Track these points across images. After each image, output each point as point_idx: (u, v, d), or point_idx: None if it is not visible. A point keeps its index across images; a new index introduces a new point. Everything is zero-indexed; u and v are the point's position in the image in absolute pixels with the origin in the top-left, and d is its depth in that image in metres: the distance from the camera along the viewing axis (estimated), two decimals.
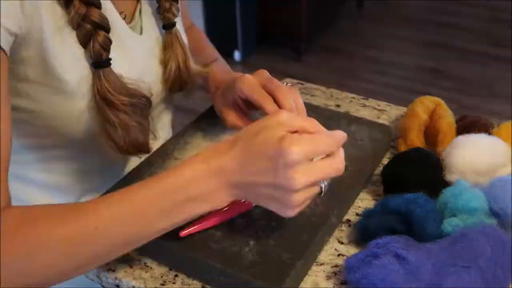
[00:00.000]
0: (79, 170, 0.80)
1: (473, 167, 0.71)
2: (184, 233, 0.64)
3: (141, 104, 0.71)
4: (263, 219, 0.67)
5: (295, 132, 0.57)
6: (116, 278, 0.66)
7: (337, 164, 0.58)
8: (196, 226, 0.64)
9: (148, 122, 0.74)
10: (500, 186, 0.67)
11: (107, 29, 0.67)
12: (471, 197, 0.66)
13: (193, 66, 0.83)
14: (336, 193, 0.71)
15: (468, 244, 0.60)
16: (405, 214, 0.66)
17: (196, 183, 0.58)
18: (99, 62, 0.67)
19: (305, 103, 0.89)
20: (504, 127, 0.78)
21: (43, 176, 0.79)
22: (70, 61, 0.67)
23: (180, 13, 0.83)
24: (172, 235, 0.64)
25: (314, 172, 0.56)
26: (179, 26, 0.83)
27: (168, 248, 0.65)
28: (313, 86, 1.03)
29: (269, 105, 0.70)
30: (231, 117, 0.78)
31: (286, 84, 0.76)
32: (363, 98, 0.99)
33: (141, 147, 0.73)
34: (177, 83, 0.82)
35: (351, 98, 0.99)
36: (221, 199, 0.59)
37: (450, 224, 0.64)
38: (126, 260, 0.68)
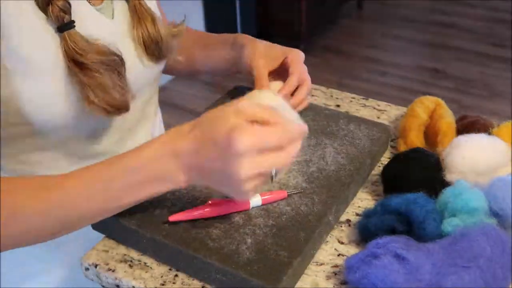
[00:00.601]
0: (63, 162, 0.79)
1: (473, 167, 0.71)
2: (173, 218, 0.66)
3: (113, 62, 0.71)
4: (261, 217, 0.67)
5: (254, 121, 0.57)
6: (116, 278, 0.66)
7: (284, 158, 0.58)
8: (185, 214, 0.66)
9: (125, 81, 0.73)
10: (500, 186, 0.67)
11: None
12: (471, 197, 0.66)
13: (163, 29, 0.82)
14: (334, 191, 0.71)
15: (468, 244, 0.60)
16: (405, 214, 0.66)
17: (155, 163, 0.61)
18: (62, 25, 0.68)
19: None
20: (504, 127, 0.78)
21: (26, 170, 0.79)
22: (31, 38, 0.67)
23: None
24: (172, 234, 0.65)
25: (260, 164, 0.56)
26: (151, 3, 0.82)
27: (166, 246, 0.65)
28: (313, 86, 1.03)
29: (262, 80, 0.83)
30: (263, 69, 0.85)
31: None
32: (363, 98, 0.99)
33: (121, 106, 0.73)
34: (152, 49, 0.81)
35: (351, 98, 0.99)
36: (179, 180, 0.61)
37: (450, 224, 0.64)
38: (126, 260, 0.68)
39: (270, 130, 0.57)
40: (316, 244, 0.67)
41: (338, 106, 0.97)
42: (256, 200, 0.69)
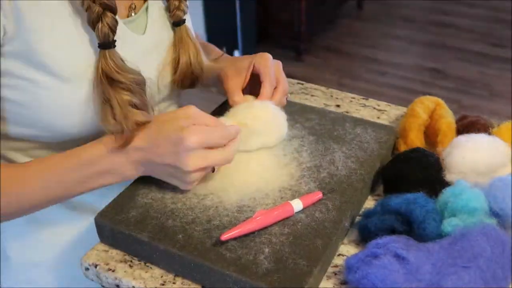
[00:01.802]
0: None
1: (473, 167, 0.71)
2: (225, 237, 0.63)
3: (140, 81, 0.72)
4: (276, 225, 0.66)
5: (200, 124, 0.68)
6: (116, 278, 0.66)
7: (226, 155, 0.69)
8: (236, 231, 0.63)
9: (148, 103, 0.74)
10: (500, 186, 0.67)
11: (114, 10, 0.70)
12: (471, 197, 0.66)
13: (205, 61, 0.83)
14: (347, 197, 0.70)
15: (468, 244, 0.60)
16: (405, 214, 0.66)
17: (107, 158, 0.69)
18: (106, 43, 0.69)
19: (309, 107, 0.90)
20: (504, 127, 0.78)
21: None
22: (64, 54, 0.69)
23: (188, 9, 0.84)
24: (186, 246, 0.63)
25: (206, 159, 0.67)
26: (189, 23, 0.84)
27: (181, 258, 0.63)
28: (313, 86, 1.03)
29: (234, 95, 0.81)
30: (232, 83, 0.83)
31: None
32: (363, 98, 0.99)
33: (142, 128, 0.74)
34: (188, 78, 0.82)
35: (351, 98, 0.99)
36: (130, 173, 0.71)
37: (450, 224, 0.64)
38: (126, 260, 0.68)
39: (214, 130, 0.68)
40: (333, 251, 0.66)
41: (338, 106, 0.97)
42: (297, 205, 0.68)
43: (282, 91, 0.82)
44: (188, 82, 0.83)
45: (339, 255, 0.68)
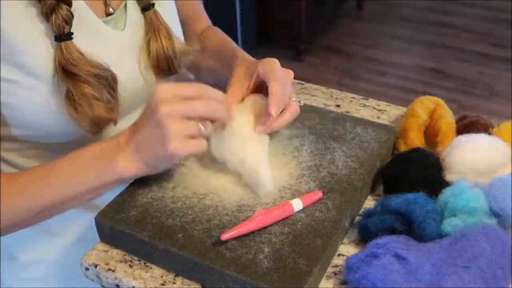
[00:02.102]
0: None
1: (473, 167, 0.71)
2: (225, 237, 0.62)
3: (105, 76, 0.72)
4: (275, 225, 0.66)
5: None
6: (116, 278, 0.66)
7: (202, 105, 0.64)
8: (236, 231, 0.63)
9: (115, 98, 0.74)
10: (500, 186, 0.67)
11: (69, 2, 0.70)
12: (471, 197, 0.66)
13: (178, 45, 0.83)
14: (347, 196, 0.70)
15: (468, 244, 0.60)
16: (405, 214, 0.66)
17: (100, 149, 0.68)
18: (61, 35, 0.69)
19: (308, 106, 0.90)
20: (504, 127, 0.78)
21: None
22: (32, 43, 0.69)
23: None
24: (186, 245, 0.63)
25: (179, 104, 0.63)
26: (165, 10, 0.83)
27: (181, 257, 0.63)
28: (313, 86, 1.03)
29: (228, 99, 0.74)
30: (234, 87, 0.77)
31: (297, 100, 0.76)
32: (363, 98, 0.99)
33: (106, 123, 0.74)
34: (164, 64, 0.82)
35: (351, 98, 0.99)
36: (125, 166, 0.66)
37: (450, 224, 0.64)
38: (126, 260, 0.68)
39: (187, 84, 0.65)
40: (333, 251, 0.66)
41: (338, 106, 0.97)
42: (297, 205, 0.67)
43: (294, 112, 0.75)
44: (164, 66, 0.82)
45: (339, 255, 0.68)
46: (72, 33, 0.70)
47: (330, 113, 0.88)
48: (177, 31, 0.86)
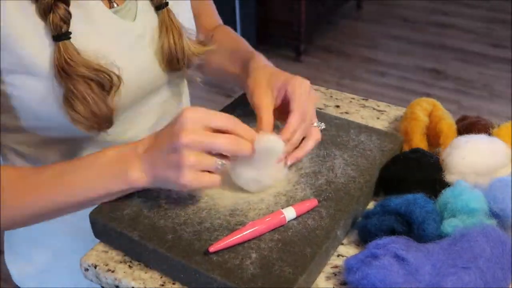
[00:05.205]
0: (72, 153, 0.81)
1: (473, 167, 0.71)
2: (213, 249, 0.62)
3: (104, 79, 0.71)
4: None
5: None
6: (115, 279, 0.66)
7: (228, 142, 0.62)
8: (224, 243, 0.62)
9: (111, 100, 0.73)
10: (500, 186, 0.67)
11: (67, 1, 0.69)
12: (471, 198, 0.66)
13: (188, 44, 0.83)
14: (342, 205, 0.69)
15: (468, 245, 0.60)
16: (404, 215, 0.66)
17: (118, 154, 0.67)
18: (59, 35, 0.69)
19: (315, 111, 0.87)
20: (504, 127, 0.78)
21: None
22: (29, 40, 0.69)
23: None
24: (175, 246, 0.63)
25: (203, 135, 0.62)
26: (178, 8, 0.83)
27: (168, 258, 0.63)
28: (313, 86, 1.02)
29: (263, 112, 0.72)
30: (263, 102, 0.74)
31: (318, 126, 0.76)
32: (363, 99, 0.99)
33: (100, 123, 0.74)
34: (171, 61, 0.82)
35: (351, 98, 0.99)
36: (134, 169, 0.66)
37: (449, 224, 0.64)
38: (126, 260, 0.68)
39: (217, 115, 0.64)
40: (323, 260, 0.65)
41: (337, 106, 0.97)
42: (290, 213, 0.66)
43: (315, 140, 0.74)
44: (171, 63, 0.82)
45: (338, 255, 0.68)
46: (70, 33, 0.69)
47: (335, 119, 0.86)
48: (190, 27, 0.86)
